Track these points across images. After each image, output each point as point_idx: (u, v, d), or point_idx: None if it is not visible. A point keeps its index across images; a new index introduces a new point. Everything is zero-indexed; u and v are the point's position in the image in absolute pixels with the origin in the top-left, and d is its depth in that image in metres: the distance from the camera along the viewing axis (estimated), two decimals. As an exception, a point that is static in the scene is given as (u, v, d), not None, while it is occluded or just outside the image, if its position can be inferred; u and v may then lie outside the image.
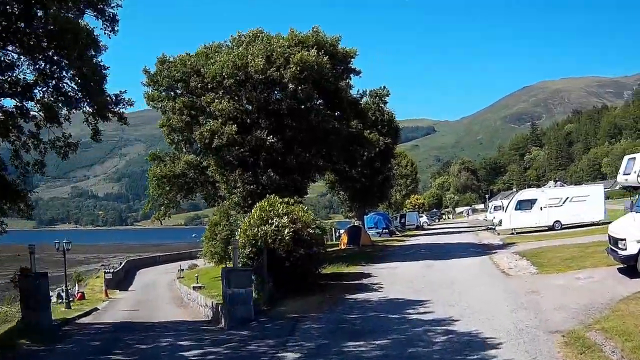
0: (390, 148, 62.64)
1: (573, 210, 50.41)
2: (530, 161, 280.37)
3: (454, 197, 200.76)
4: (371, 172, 59.30)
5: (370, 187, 60.92)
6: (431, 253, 39.46)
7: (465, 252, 38.39)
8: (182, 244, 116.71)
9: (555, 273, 24.46)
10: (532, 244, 38.48)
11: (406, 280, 25.92)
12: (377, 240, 58.08)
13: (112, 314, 36.33)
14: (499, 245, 41.61)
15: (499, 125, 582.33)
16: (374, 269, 31.23)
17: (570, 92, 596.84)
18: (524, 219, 51.14)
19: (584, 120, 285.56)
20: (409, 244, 52.80)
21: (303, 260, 22.61)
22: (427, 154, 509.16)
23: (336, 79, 37.38)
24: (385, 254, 41.33)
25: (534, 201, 51.42)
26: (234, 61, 34.34)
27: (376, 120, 60.38)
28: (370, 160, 57.15)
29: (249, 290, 19.87)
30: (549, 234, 46.27)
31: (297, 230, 22.73)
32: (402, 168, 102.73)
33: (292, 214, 23.34)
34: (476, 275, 26.19)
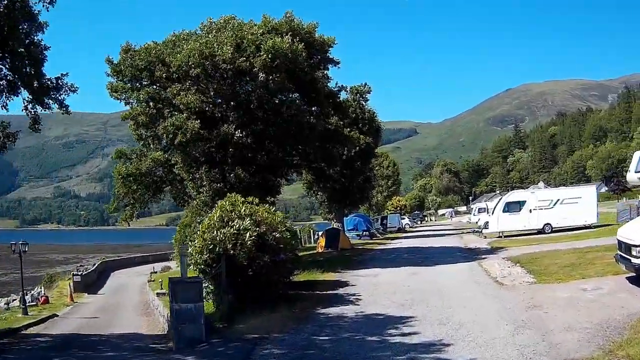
0: (371, 147, 59.96)
1: (564, 213, 47.82)
2: (513, 163, 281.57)
3: (436, 199, 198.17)
4: (351, 172, 56.64)
5: (350, 188, 58.21)
6: (415, 258, 36.55)
7: (452, 257, 35.49)
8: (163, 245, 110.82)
9: (556, 283, 21.62)
10: (523, 248, 35.80)
11: (388, 291, 22.85)
12: (357, 243, 55.14)
13: (68, 323, 32.96)
14: (487, 249, 38.86)
15: (482, 127, 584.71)
16: (352, 277, 28.18)
17: (554, 94, 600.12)
18: (512, 222, 48.46)
19: (568, 123, 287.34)
20: (391, 247, 49.85)
21: (268, 268, 19.45)
22: (409, 156, 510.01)
23: (312, 69, 34.27)
24: (365, 259, 38.40)
25: (523, 203, 48.71)
26: (201, 50, 31.16)
27: (356, 118, 57.85)
28: (350, 160, 54.48)
29: (200, 306, 16.63)
30: (539, 238, 43.57)
31: (261, 234, 19.60)
32: (383, 169, 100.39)
33: (256, 216, 20.22)
34: (466, 285, 23.14)
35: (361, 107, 59.61)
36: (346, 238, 48.84)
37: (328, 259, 38.60)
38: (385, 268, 31.17)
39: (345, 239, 47.81)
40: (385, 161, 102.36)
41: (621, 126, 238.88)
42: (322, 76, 35.89)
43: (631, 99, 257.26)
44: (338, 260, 36.99)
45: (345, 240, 47.31)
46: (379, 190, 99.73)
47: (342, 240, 46.12)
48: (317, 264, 34.54)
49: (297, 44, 31.72)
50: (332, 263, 34.96)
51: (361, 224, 66.74)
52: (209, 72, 31.71)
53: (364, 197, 66.47)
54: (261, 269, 19.25)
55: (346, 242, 47.10)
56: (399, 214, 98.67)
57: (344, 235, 48.62)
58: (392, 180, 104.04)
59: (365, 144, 56.32)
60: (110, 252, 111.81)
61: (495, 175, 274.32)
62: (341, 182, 56.82)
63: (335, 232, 48.50)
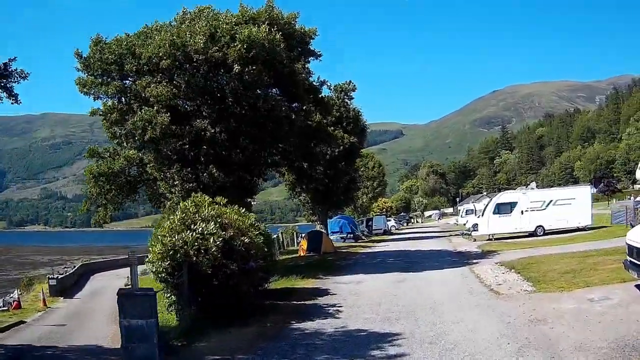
0: (356, 147, 58.01)
1: (557, 215, 46.18)
2: (500, 165, 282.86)
3: (423, 201, 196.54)
4: (335, 173, 54.66)
5: (334, 189, 56.18)
6: (402, 263, 34.45)
7: (441, 262, 33.36)
8: None
9: (558, 292, 19.54)
10: (516, 252, 33.87)
11: (372, 301, 20.56)
12: (340, 246, 52.89)
13: (32, 331, 30.21)
14: (478, 253, 36.86)
15: (468, 129, 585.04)
16: (334, 284, 25.96)
17: (541, 96, 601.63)
18: (503, 224, 46.60)
19: (556, 124, 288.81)
20: (376, 250, 47.73)
21: (236, 277, 17.13)
22: (395, 157, 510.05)
23: (291, 61, 31.97)
24: (349, 264, 36.18)
25: (514, 204, 46.85)
26: (172, 40, 28.90)
27: (341, 117, 55.98)
28: (333, 160, 52.51)
29: (152, 323, 14.21)
30: (532, 241, 41.70)
31: (229, 238, 17.30)
32: (368, 170, 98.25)
33: (223, 218, 17.94)
34: (459, 295, 20.90)
35: (345, 106, 57.69)
36: (329, 241, 46.59)
37: (309, 264, 36.51)
38: (370, 274, 28.96)
39: (328, 242, 45.56)
40: (370, 162, 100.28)
41: (610, 127, 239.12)
42: (302, 69, 33.44)
43: (619, 100, 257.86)
44: (320, 265, 34.89)
45: (329, 244, 45.06)
46: (364, 192, 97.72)
47: (325, 244, 43.87)
48: (298, 269, 32.50)
49: (275, 34, 29.50)
50: (313, 268, 32.86)
51: (346, 226, 64.56)
52: (181, 63, 29.46)
53: (348, 198, 64.55)
54: (228, 278, 16.96)
55: (329, 245, 44.86)
56: (384, 216, 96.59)
57: (327, 238, 46.37)
58: (378, 181, 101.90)
59: (350, 143, 54.43)
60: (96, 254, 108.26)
61: (482, 177, 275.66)
62: (325, 182, 54.80)
63: (318, 234, 46.26)
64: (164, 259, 17.07)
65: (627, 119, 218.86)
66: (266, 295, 21.50)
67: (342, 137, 53.69)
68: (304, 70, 33.95)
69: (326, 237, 46.51)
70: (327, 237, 47.75)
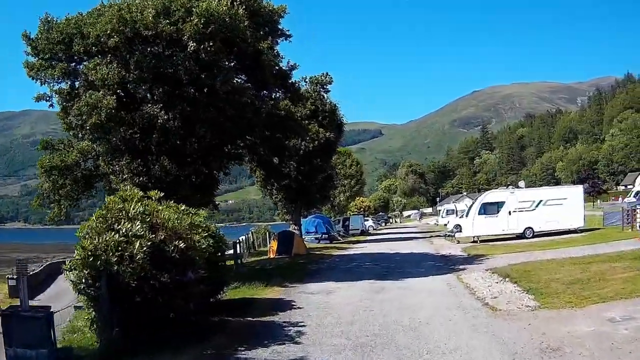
0: (333, 143, 54.43)
1: (547, 216, 43.31)
2: (480, 165, 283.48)
3: (402, 200, 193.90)
4: (309, 169, 51.14)
5: (309, 187, 52.63)
6: (379, 268, 30.84)
7: (424, 268, 29.79)
8: None
9: (568, 308, 16.25)
10: (506, 257, 30.70)
11: (343, 319, 16.81)
12: (315, 247, 49.31)
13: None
14: (464, 257, 33.53)
15: (447, 129, 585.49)
16: (301, 294, 22.21)
17: (522, 97, 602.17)
18: (489, 225, 43.47)
19: (537, 124, 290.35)
20: (352, 253, 44.10)
21: (168, 291, 13.41)
22: (374, 157, 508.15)
23: (257, 40, 28.25)
24: (321, 268, 32.48)
25: (501, 204, 43.71)
26: (120, 15, 25.14)
27: (316, 110, 52.44)
28: (308, 155, 49.04)
29: (42, 354, 10.51)
30: (521, 244, 38.58)
31: (159, 243, 13.58)
32: (346, 168, 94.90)
33: (153, 217, 14.22)
34: (448, 311, 17.21)
35: (321, 99, 54.11)
36: (301, 242, 42.90)
37: (277, 267, 32.98)
38: (343, 281, 25.23)
39: (300, 243, 41.86)
40: (348, 159, 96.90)
41: (592, 128, 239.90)
42: (269, 49, 29.54)
43: (602, 101, 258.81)
44: (288, 270, 31.29)
45: (301, 245, 41.38)
46: (341, 190, 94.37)
47: (297, 245, 40.17)
48: (263, 273, 29.07)
49: (237, 8, 25.82)
50: (281, 273, 29.26)
51: (321, 226, 61.00)
52: (130, 40, 25.68)
53: (324, 197, 60.84)
54: (157, 292, 13.25)
55: (301, 246, 41.19)
56: (362, 216, 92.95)
57: (298, 239, 42.63)
58: (356, 179, 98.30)
59: (326, 138, 50.97)
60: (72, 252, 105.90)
61: (461, 177, 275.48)
62: (298, 179, 51.33)
63: (289, 235, 42.51)
64: (84, 267, 13.33)
65: (610, 120, 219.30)
66: (216, 309, 17.81)
67: (318, 131, 50.32)
68: (272, 52, 30.16)
69: (298, 238, 42.78)
70: (299, 238, 44.03)
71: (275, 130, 31.91)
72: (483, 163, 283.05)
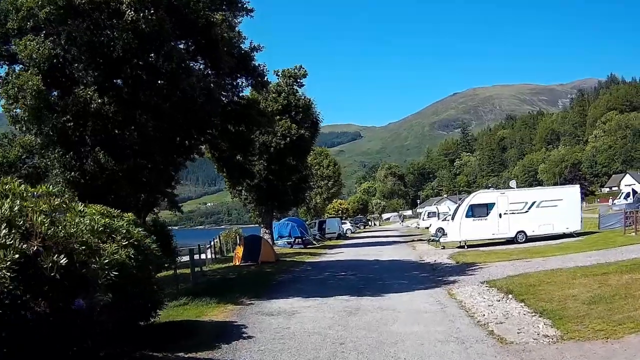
0: (307, 140, 50.61)
1: (541, 218, 39.77)
2: (460, 167, 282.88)
3: (381, 203, 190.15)
4: (281, 168, 47.33)
5: (281, 187, 48.75)
6: (356, 279, 26.76)
7: (407, 279, 25.64)
8: None
9: (600, 339, 12.37)
10: (501, 265, 26.93)
11: (305, 356, 12.56)
12: (286, 253, 45.11)
13: None
14: (452, 266, 29.54)
15: (427, 131, 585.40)
16: (257, 315, 17.84)
17: (502, 99, 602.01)
18: (477, 229, 39.79)
19: (518, 126, 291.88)
20: (327, 259, 40.00)
21: (45, 326, 9.13)
22: (353, 159, 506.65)
23: (209, 10, 23.98)
24: (289, 279, 28.22)
25: (491, 206, 40.04)
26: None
27: (289, 105, 48.63)
28: (280, 153, 45.30)
29: None
30: (514, 249, 34.77)
31: (32, 256, 9.27)
32: (323, 168, 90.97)
33: (28, 219, 9.89)
34: (444, 345, 12.86)
35: (294, 93, 50.21)
36: (270, 248, 38.42)
37: (239, 278, 28.94)
38: (311, 297, 20.89)
39: (268, 249, 37.42)
40: (325, 160, 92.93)
41: (575, 130, 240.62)
42: (224, 22, 25.03)
43: (585, 102, 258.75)
44: (251, 281, 27.22)
45: (269, 251, 36.95)
46: (318, 192, 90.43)
47: (265, 251, 35.83)
48: (220, 285, 25.06)
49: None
50: (241, 285, 25.19)
51: (295, 229, 56.81)
52: (63, 10, 21.44)
53: (299, 198, 56.85)
54: (31, 327, 8.98)
55: (270, 253, 36.79)
56: (339, 218, 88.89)
57: (267, 245, 38.16)
58: (333, 180, 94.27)
59: (299, 135, 47.15)
60: None
61: (441, 179, 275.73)
62: (269, 179, 47.40)
63: (256, 240, 38.12)
64: None
65: (593, 122, 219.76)
66: (145, 337, 13.53)
67: (290, 127, 46.54)
68: (228, 26, 25.77)
69: (266, 243, 38.36)
70: (268, 243, 39.52)
71: (237, 122, 27.75)
72: (463, 165, 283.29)
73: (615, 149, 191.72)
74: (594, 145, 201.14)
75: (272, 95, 48.37)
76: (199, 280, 27.12)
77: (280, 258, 38.88)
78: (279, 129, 46.01)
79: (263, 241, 37.66)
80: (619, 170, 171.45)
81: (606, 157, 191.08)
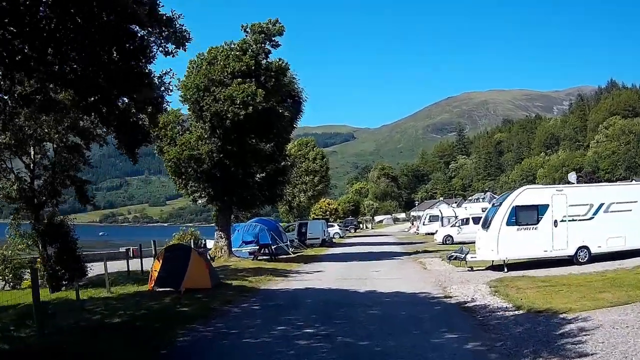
0: (280, 116, 37.55)
1: (611, 228, 27.09)
2: (456, 170, 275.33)
3: (373, 204, 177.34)
4: (241, 151, 34.62)
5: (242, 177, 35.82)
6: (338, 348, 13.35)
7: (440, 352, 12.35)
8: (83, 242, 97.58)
9: None
10: (614, 318, 13.73)
11: None
12: (243, 268, 31.73)
13: None
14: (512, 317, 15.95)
15: (421, 134, 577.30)
16: None
17: (497, 104, 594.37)
18: (524, 243, 26.76)
19: (515, 130, 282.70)
20: (294, 286, 25.70)
21: None
22: (346, 160, 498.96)
23: None
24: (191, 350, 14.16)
25: (543, 209, 26.92)
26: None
27: (258, 67, 35.52)
28: (239, 128, 32.53)
29: None
30: (587, 277, 21.82)
31: None
32: (309, 161, 77.49)
33: None
34: None
35: (265, 53, 36.72)
36: (205, 267, 23.28)
37: (115, 329, 15.45)
38: None
39: (201, 269, 22.80)
40: (311, 152, 79.45)
41: (575, 134, 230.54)
42: None
43: (585, 107, 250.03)
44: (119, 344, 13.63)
45: (202, 272, 22.45)
46: (302, 189, 76.79)
47: (194, 273, 21.82)
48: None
49: None
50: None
51: (264, 234, 43.32)
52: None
53: (273, 195, 42.79)
54: None
55: (203, 275, 22.42)
56: (324, 221, 73.13)
57: (199, 263, 22.80)
58: (320, 176, 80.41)
59: (269, 107, 34.36)
60: None
61: (436, 182, 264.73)
62: (224, 165, 34.48)
63: (182, 253, 23.36)
64: None
65: (595, 126, 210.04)
66: None
67: (255, 92, 33.37)
68: None
69: (198, 261, 22.98)
70: (201, 260, 23.80)
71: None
72: (459, 168, 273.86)
73: (618, 155, 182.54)
74: (596, 150, 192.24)
75: (235, 54, 35.21)
76: (53, 328, 14.77)
77: (227, 279, 25.66)
78: (239, 95, 32.81)
79: (194, 256, 23.06)
80: (623, 176, 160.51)
81: (609, 163, 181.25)
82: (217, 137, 34.27)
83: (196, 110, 34.79)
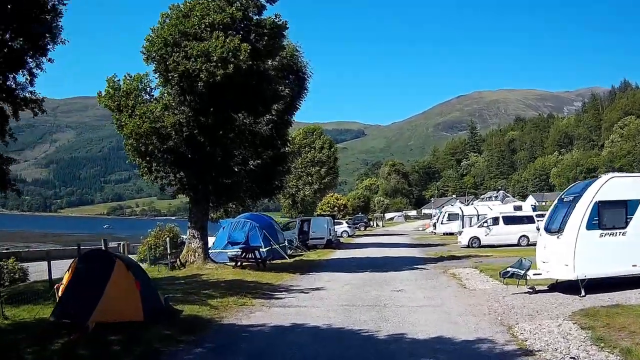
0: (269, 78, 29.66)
1: None
2: (467, 167, 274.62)
3: (384, 201, 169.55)
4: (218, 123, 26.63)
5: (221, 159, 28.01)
6: None
7: None
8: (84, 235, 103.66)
9: None
10: None
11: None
12: (217, 280, 23.66)
13: None
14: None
15: (431, 132, 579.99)
16: None
17: (508, 103, 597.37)
18: (608, 253, 18.48)
19: (528, 128, 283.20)
20: (273, 324, 15.89)
21: None
22: (356, 157, 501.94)
23: None
24: None
25: (634, 206, 18.69)
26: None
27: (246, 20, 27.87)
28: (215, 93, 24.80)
29: None
30: None
31: None
32: (315, 151, 69.35)
33: None
34: None
35: (259, 7, 28.48)
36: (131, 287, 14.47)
37: None
38: None
39: (125, 289, 14.37)
40: (318, 140, 71.12)
41: (590, 134, 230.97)
42: None
43: (599, 106, 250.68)
44: None
45: (126, 294, 14.26)
46: (307, 181, 68.55)
47: (114, 295, 13.97)
48: None
49: None
50: None
51: (255, 234, 35.29)
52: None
53: (270, 188, 34.65)
54: None
55: (127, 299, 14.22)
56: (331, 217, 62.53)
57: (123, 278, 14.48)
58: (327, 167, 72.23)
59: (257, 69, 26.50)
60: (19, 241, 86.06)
61: (447, 179, 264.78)
62: (196, 142, 26.49)
63: (98, 266, 14.88)
64: None
65: (610, 126, 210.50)
66: None
67: (238, 47, 25.30)
68: None
69: (123, 276, 14.50)
70: (129, 275, 14.77)
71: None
72: (471, 165, 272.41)
73: (634, 155, 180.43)
74: (611, 150, 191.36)
75: (217, 4, 27.00)
76: None
77: (181, 301, 17.69)
78: (216, 50, 24.75)
79: (118, 271, 14.25)
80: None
81: (625, 162, 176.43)
82: (187, 105, 26.26)
83: (162, 71, 26.52)
